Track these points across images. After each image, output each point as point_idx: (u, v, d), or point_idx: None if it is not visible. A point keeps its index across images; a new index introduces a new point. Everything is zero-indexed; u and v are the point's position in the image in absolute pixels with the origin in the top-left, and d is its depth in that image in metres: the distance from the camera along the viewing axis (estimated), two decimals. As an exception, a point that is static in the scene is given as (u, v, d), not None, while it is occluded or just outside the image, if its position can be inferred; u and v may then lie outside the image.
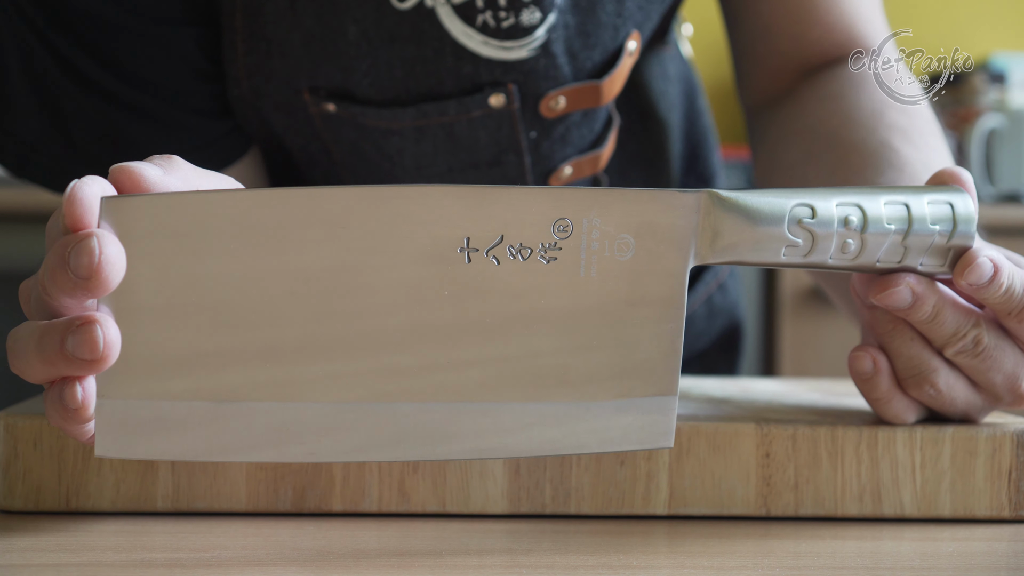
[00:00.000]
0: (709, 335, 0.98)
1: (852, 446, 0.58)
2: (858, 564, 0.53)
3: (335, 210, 0.49)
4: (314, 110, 0.74)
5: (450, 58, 0.72)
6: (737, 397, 0.69)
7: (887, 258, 0.55)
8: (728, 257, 0.53)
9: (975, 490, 0.58)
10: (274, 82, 0.73)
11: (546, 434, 0.52)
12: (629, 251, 0.52)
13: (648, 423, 0.53)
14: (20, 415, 0.56)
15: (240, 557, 0.51)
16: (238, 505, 0.56)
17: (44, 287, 0.48)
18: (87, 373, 0.48)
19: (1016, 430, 0.59)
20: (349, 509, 0.57)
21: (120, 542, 0.53)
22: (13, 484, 0.56)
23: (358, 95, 0.74)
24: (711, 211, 0.53)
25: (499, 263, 0.51)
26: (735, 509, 0.58)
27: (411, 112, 0.74)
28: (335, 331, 0.50)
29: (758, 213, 0.53)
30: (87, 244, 0.46)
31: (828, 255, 0.55)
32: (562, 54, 0.74)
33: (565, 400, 0.52)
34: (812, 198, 0.54)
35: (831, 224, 0.54)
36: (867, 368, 0.58)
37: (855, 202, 0.54)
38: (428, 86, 0.73)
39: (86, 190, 0.48)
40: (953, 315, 0.57)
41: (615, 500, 0.58)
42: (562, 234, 0.51)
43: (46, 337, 0.47)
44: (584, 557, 0.52)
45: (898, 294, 0.56)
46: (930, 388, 0.58)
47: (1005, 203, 2.22)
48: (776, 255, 0.54)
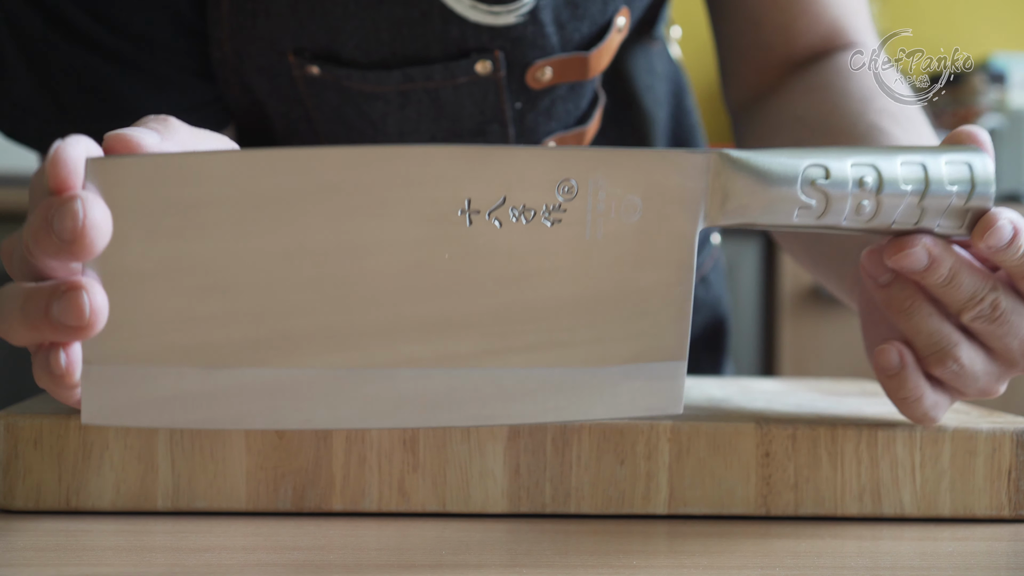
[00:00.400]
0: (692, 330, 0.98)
1: (852, 446, 0.58)
2: (858, 564, 0.53)
3: (331, 171, 0.48)
4: (298, 73, 0.74)
5: (437, 21, 0.72)
6: (737, 397, 0.69)
7: (903, 220, 0.54)
8: (738, 219, 0.52)
9: (975, 489, 0.58)
10: (258, 43, 0.73)
11: (551, 400, 0.51)
12: (636, 213, 0.50)
13: (657, 389, 0.52)
14: (20, 415, 0.56)
15: (241, 556, 0.51)
16: (238, 504, 0.56)
17: (27, 248, 0.47)
18: (72, 340, 0.46)
19: (1016, 430, 0.59)
20: (349, 509, 0.57)
21: (120, 542, 0.53)
22: (13, 483, 0.56)
23: (343, 57, 0.73)
24: (721, 172, 0.51)
25: (501, 225, 0.49)
26: (735, 509, 0.58)
27: (396, 76, 0.73)
28: (331, 295, 0.48)
29: (770, 174, 0.52)
30: (71, 206, 0.45)
31: (842, 217, 0.53)
32: (550, 23, 0.74)
33: (571, 365, 0.50)
34: (826, 158, 0.52)
35: (845, 185, 0.52)
36: (894, 361, 0.56)
37: (870, 162, 0.53)
38: (414, 49, 0.73)
39: (70, 151, 0.46)
40: (970, 278, 0.55)
41: (615, 500, 0.58)
42: (567, 195, 0.49)
43: (31, 302, 0.46)
44: (584, 557, 0.52)
45: (914, 255, 0.54)
46: (953, 363, 0.56)
47: (1005, 203, 2.22)
48: (788, 217, 0.52)
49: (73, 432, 0.56)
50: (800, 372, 2.08)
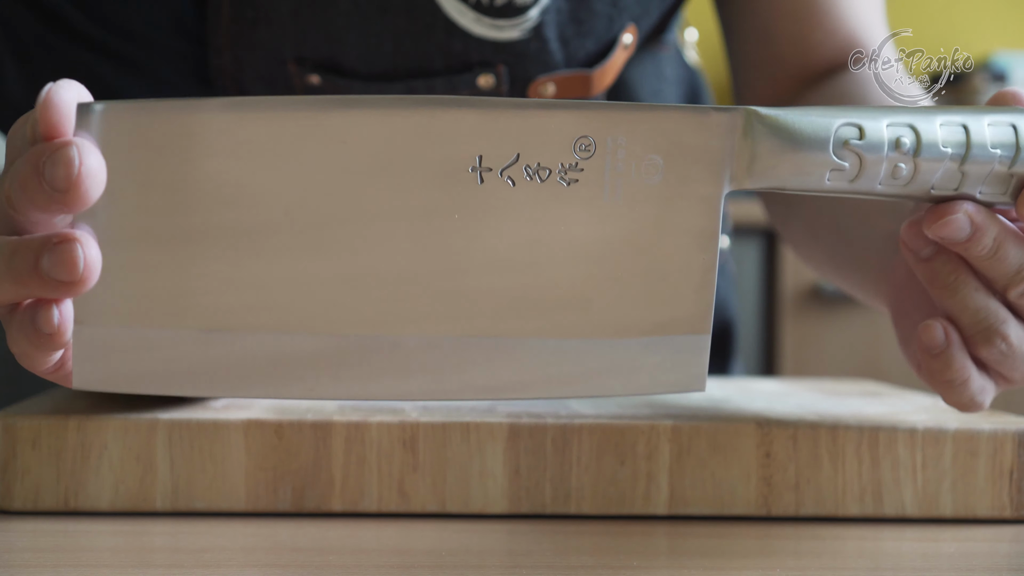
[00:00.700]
0: None
1: (853, 446, 0.58)
2: (859, 564, 0.53)
3: (336, 123, 0.45)
4: (298, 82, 0.74)
5: (441, 34, 0.72)
6: (737, 397, 0.69)
7: (942, 185, 0.50)
8: (767, 182, 0.49)
9: (976, 490, 0.58)
10: (258, 51, 0.73)
11: (566, 374, 0.48)
12: (658, 174, 0.48)
13: (679, 363, 0.49)
14: (19, 415, 0.56)
15: (240, 557, 0.51)
16: (237, 505, 0.56)
17: (10, 199, 0.44)
18: (63, 296, 0.44)
19: (1018, 430, 0.58)
20: (349, 509, 0.57)
21: (119, 542, 0.53)
22: (11, 484, 0.56)
23: (345, 67, 0.73)
24: (748, 131, 0.48)
25: (515, 184, 0.47)
26: (735, 509, 0.58)
27: (398, 88, 0.73)
28: (334, 256, 0.46)
29: (800, 134, 0.48)
30: (65, 153, 0.42)
31: (877, 181, 0.50)
32: (554, 39, 0.74)
33: (587, 337, 0.48)
34: (860, 117, 0.49)
35: (881, 147, 0.49)
36: (939, 338, 0.53)
37: (908, 122, 0.50)
38: (417, 62, 0.73)
39: (63, 94, 0.43)
40: (1017, 249, 0.52)
41: (615, 500, 0.57)
42: (584, 154, 0.47)
43: (18, 255, 0.44)
44: (584, 557, 0.52)
45: (956, 223, 0.51)
46: (1001, 342, 0.53)
47: (1005, 203, 2.22)
48: (820, 181, 0.49)
49: (72, 433, 0.55)
50: (801, 372, 2.08)
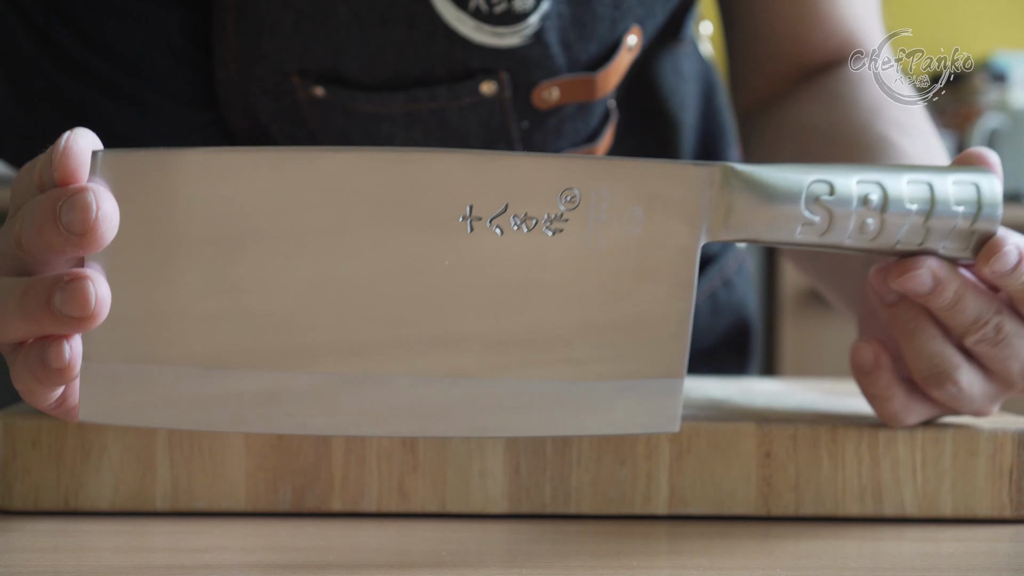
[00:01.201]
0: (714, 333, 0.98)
1: (853, 446, 0.58)
2: (859, 564, 0.53)
3: (333, 173, 0.48)
4: (302, 94, 0.74)
5: (442, 42, 0.72)
6: (737, 397, 0.69)
7: (907, 240, 0.53)
8: (741, 234, 0.51)
9: (976, 490, 0.58)
10: (263, 64, 0.73)
11: (546, 414, 0.50)
12: (638, 224, 0.50)
13: (653, 406, 0.51)
14: (19, 415, 0.56)
15: (240, 557, 0.51)
16: (237, 505, 0.56)
17: (22, 242, 0.46)
18: (73, 331, 0.46)
19: (1017, 430, 0.58)
20: (349, 509, 0.57)
21: (119, 542, 0.53)
22: (12, 484, 0.56)
23: (348, 78, 0.73)
24: (725, 185, 0.51)
25: (503, 233, 0.49)
26: (735, 509, 0.58)
27: (401, 97, 0.73)
28: (329, 298, 0.48)
29: (774, 189, 0.51)
30: (83, 198, 0.45)
31: (846, 235, 0.52)
32: (556, 44, 0.74)
33: (567, 379, 0.50)
34: (831, 174, 0.52)
35: (850, 202, 0.52)
36: (868, 360, 0.57)
37: (876, 180, 0.52)
38: (419, 71, 0.73)
39: (81, 143, 0.46)
40: (975, 301, 0.55)
41: (615, 500, 0.57)
42: (569, 205, 0.49)
43: (30, 293, 0.46)
44: (584, 557, 0.52)
45: (919, 277, 0.54)
46: (952, 386, 0.56)
47: (1005, 203, 2.21)
48: (791, 233, 0.52)
49: (72, 433, 0.55)
50: (801, 372, 2.08)
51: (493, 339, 0.49)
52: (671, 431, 0.52)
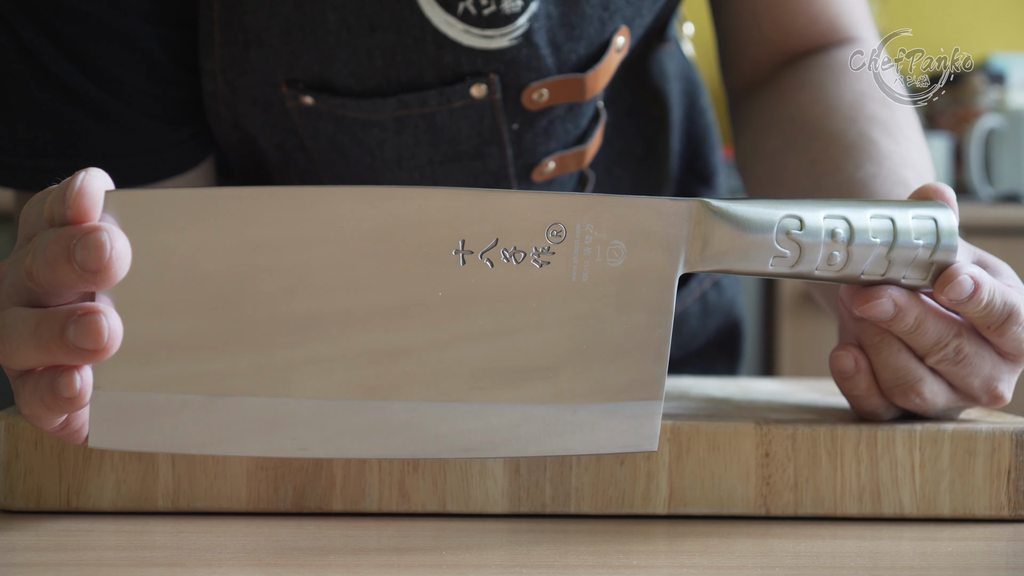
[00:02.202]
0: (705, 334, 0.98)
1: (851, 446, 0.58)
2: (858, 564, 0.53)
3: (332, 209, 0.50)
4: (291, 104, 0.74)
5: (431, 47, 0.72)
6: (737, 397, 0.69)
7: (872, 270, 0.56)
8: (717, 265, 0.54)
9: (974, 489, 0.58)
10: (251, 75, 0.73)
11: (533, 435, 0.53)
12: (620, 257, 0.53)
13: (633, 427, 0.54)
14: (21, 415, 0.56)
15: (240, 557, 0.51)
16: (238, 505, 0.56)
17: (33, 275, 0.48)
18: (85, 363, 0.48)
19: (1015, 430, 0.59)
20: (349, 509, 0.57)
21: (120, 541, 0.53)
22: (14, 484, 0.56)
23: (337, 86, 0.73)
24: (702, 220, 0.53)
25: (493, 266, 0.52)
26: (735, 509, 0.58)
27: (391, 103, 0.73)
28: (328, 328, 0.51)
29: (747, 223, 0.54)
30: (97, 238, 0.46)
31: (814, 266, 0.55)
32: (545, 45, 0.74)
33: (553, 402, 0.53)
34: (801, 210, 0.55)
35: (818, 236, 0.55)
36: (849, 367, 0.59)
37: (842, 215, 0.55)
38: (409, 76, 0.73)
39: (95, 183, 0.48)
40: (935, 325, 0.57)
41: (615, 500, 0.58)
42: (556, 239, 0.52)
43: (44, 325, 0.47)
44: (584, 557, 0.52)
45: (880, 306, 0.57)
46: (916, 397, 0.59)
47: (1004, 203, 2.22)
48: (764, 265, 0.55)
49: (73, 432, 0.56)
50: (800, 372, 2.08)
51: (482, 365, 0.52)
52: (650, 450, 0.54)
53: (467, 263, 0.51)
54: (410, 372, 0.52)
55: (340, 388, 0.51)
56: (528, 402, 0.53)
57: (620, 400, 0.53)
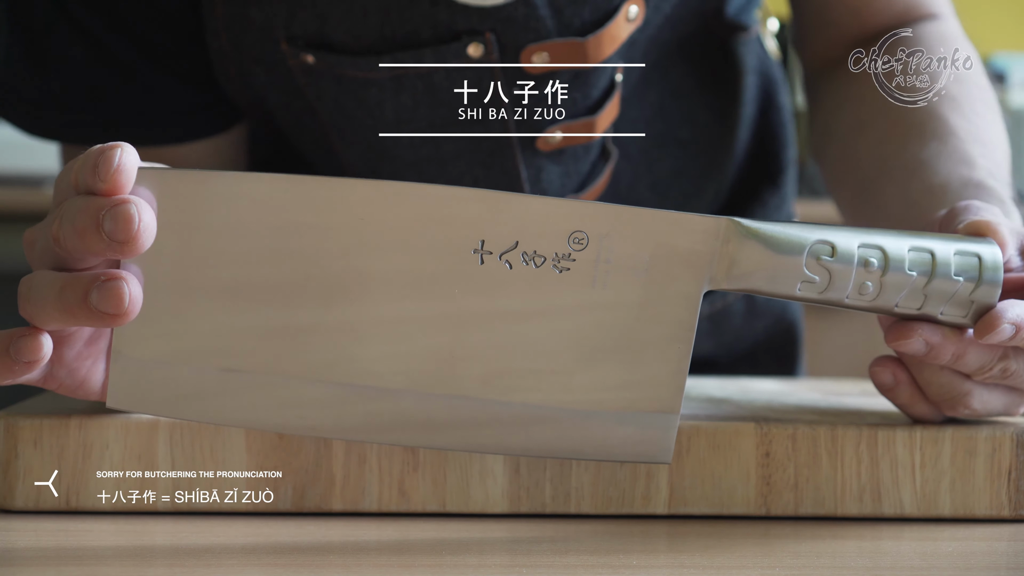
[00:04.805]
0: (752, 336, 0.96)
1: (852, 446, 0.58)
2: (858, 563, 0.53)
3: (356, 201, 0.51)
4: (293, 62, 0.74)
5: (425, 4, 0.72)
6: (737, 397, 0.69)
7: (906, 304, 0.55)
8: (742, 285, 0.53)
9: (975, 489, 0.58)
10: (253, 32, 0.73)
11: (544, 436, 0.53)
12: (643, 270, 0.52)
13: (648, 438, 0.54)
14: (20, 415, 0.56)
15: (241, 556, 0.51)
16: (239, 504, 0.56)
17: (63, 242, 0.49)
18: (107, 326, 0.50)
19: (1016, 430, 0.59)
20: (349, 509, 0.57)
21: (120, 541, 0.53)
22: (13, 484, 0.56)
23: (334, 43, 0.73)
24: (731, 239, 0.53)
25: (511, 267, 0.52)
26: (735, 509, 0.58)
27: (387, 61, 0.74)
28: (344, 314, 0.51)
29: (777, 245, 0.53)
30: (126, 210, 0.48)
31: (844, 294, 0.54)
32: (544, 5, 0.73)
33: (566, 406, 0.53)
34: (835, 235, 0.54)
35: (850, 263, 0.54)
36: (888, 381, 0.59)
37: (879, 244, 0.54)
38: (403, 33, 0.73)
39: (130, 158, 0.49)
40: (977, 355, 0.56)
41: (615, 500, 0.58)
42: (577, 246, 0.52)
43: (69, 288, 0.49)
44: (584, 557, 0.52)
45: (911, 345, 0.55)
46: (965, 409, 0.58)
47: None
48: (791, 289, 0.54)
49: (73, 432, 0.56)
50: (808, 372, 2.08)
51: (495, 364, 0.52)
52: (664, 462, 0.54)
53: (485, 263, 0.52)
54: (420, 362, 0.52)
55: (351, 374, 0.52)
56: (540, 403, 0.53)
57: (635, 410, 0.53)
